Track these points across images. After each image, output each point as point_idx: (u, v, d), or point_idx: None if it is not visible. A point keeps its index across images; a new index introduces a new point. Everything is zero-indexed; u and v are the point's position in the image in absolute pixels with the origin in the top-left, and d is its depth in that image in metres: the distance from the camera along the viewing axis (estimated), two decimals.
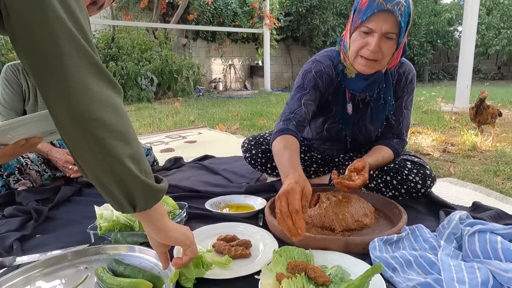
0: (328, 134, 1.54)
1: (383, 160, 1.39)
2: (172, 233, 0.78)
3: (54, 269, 1.02)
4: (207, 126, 3.63)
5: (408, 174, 1.40)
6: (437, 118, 3.65)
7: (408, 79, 1.42)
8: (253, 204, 1.46)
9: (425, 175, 1.39)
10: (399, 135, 1.47)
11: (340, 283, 0.87)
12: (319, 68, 1.37)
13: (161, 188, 0.71)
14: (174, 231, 0.79)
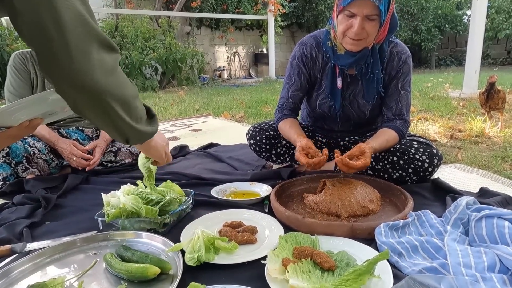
0: (321, 110, 1.57)
1: (388, 143, 1.39)
2: (153, 153, 1.09)
3: (63, 255, 1.03)
4: (212, 115, 3.62)
5: (415, 153, 1.40)
6: (444, 104, 3.60)
7: (401, 59, 1.44)
8: (259, 191, 1.47)
9: (432, 154, 1.40)
10: (400, 115, 1.46)
11: (346, 268, 0.87)
12: (301, 52, 1.51)
13: (150, 132, 0.89)
14: (155, 151, 1.09)
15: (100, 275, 0.93)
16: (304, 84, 1.53)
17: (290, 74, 1.55)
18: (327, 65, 1.48)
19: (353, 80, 1.48)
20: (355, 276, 0.79)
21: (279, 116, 1.57)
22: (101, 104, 0.70)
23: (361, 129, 1.64)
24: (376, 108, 1.53)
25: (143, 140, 0.90)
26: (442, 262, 0.85)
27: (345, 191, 1.25)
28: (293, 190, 1.45)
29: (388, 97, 1.47)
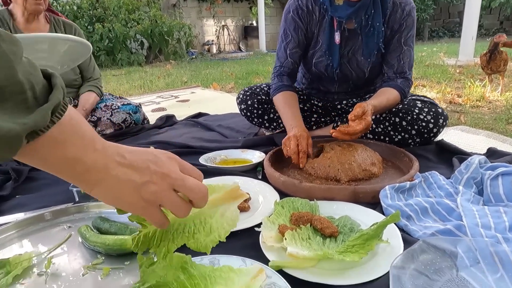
0: (317, 69, 1.44)
1: (389, 102, 1.28)
2: (111, 200, 0.47)
3: (33, 230, 0.92)
4: (200, 86, 3.46)
5: (419, 113, 1.31)
6: (441, 71, 3.49)
7: (405, 11, 1.32)
8: (251, 158, 1.36)
9: (437, 114, 1.30)
10: (402, 73, 1.35)
11: (350, 234, 0.78)
12: (296, 4, 1.37)
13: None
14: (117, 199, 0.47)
15: (74, 249, 0.82)
16: (301, 40, 1.39)
17: (285, 30, 1.40)
18: (324, 19, 1.35)
19: (352, 35, 1.35)
20: (362, 241, 0.70)
21: (277, 85, 1.40)
22: None
23: (360, 91, 1.53)
24: (376, 66, 1.41)
25: None
26: (457, 224, 0.76)
27: (345, 154, 1.15)
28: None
29: (390, 54, 1.36)
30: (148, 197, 0.45)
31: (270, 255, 0.74)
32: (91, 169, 0.43)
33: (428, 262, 0.68)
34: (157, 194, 0.46)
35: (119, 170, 0.45)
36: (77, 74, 1.82)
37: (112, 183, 0.45)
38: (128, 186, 0.45)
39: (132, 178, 0.45)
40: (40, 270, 0.75)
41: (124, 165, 0.45)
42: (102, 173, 0.44)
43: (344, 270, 0.69)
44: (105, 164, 0.44)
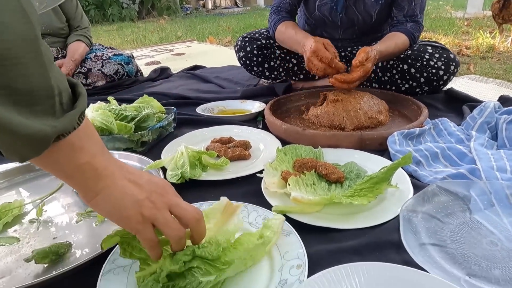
0: (320, 13, 1.33)
1: (397, 48, 1.19)
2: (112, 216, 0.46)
3: (24, 179, 0.88)
4: (196, 40, 3.30)
5: (429, 59, 1.22)
6: (448, 23, 3.33)
7: None
8: (250, 108, 1.30)
9: (449, 59, 1.22)
10: (412, 16, 1.25)
11: (356, 180, 0.74)
12: None
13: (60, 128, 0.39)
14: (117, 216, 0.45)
15: (67, 198, 0.79)
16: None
17: None
18: None
19: None
20: (370, 184, 0.66)
21: (276, 18, 1.31)
22: None
23: (365, 38, 1.43)
24: (385, 9, 1.30)
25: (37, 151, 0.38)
26: (470, 168, 0.72)
27: (350, 101, 1.08)
28: (289, 106, 1.28)
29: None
30: (146, 213, 0.45)
31: (273, 201, 0.70)
32: (99, 175, 0.44)
33: (440, 205, 0.64)
34: (154, 212, 0.45)
35: (124, 182, 0.45)
36: (63, 22, 1.69)
37: (115, 193, 0.45)
38: (130, 199, 0.45)
39: (134, 193, 0.45)
40: (32, 217, 0.72)
41: (127, 178, 0.46)
42: (109, 180, 0.44)
43: (350, 214, 0.66)
44: (112, 172, 0.45)
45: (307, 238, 0.57)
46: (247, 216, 0.65)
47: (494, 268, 0.51)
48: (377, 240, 0.58)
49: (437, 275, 0.47)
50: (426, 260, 0.52)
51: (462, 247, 0.56)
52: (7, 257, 0.61)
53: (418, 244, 0.56)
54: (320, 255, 0.56)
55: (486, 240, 0.57)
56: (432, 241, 0.57)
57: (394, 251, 0.56)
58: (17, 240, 0.65)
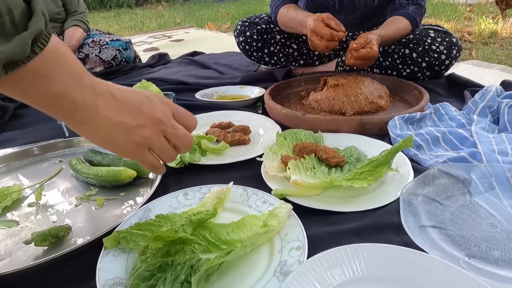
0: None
1: (398, 32, 1.18)
2: (94, 138, 0.44)
3: (23, 164, 0.88)
4: (194, 26, 3.26)
5: (431, 44, 1.20)
6: (450, 9, 3.28)
7: None
8: (250, 94, 1.28)
9: (451, 44, 1.20)
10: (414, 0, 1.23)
11: (356, 164, 0.74)
12: None
13: None
14: (105, 134, 0.43)
15: (66, 182, 0.78)
16: None
17: None
18: None
19: None
20: (371, 168, 0.65)
21: (278, 2, 1.29)
22: None
23: (367, 23, 1.41)
24: None
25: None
26: (471, 151, 0.71)
27: (350, 86, 1.07)
28: (289, 92, 1.27)
29: None
30: (139, 141, 0.44)
31: (272, 184, 0.70)
32: (78, 107, 0.40)
33: (440, 188, 0.64)
34: (148, 139, 0.44)
35: (110, 110, 0.42)
36: (59, 7, 1.66)
37: (102, 124, 0.42)
38: (119, 128, 0.42)
39: (124, 120, 0.43)
40: (31, 201, 0.72)
41: (115, 105, 0.42)
42: (91, 112, 0.41)
43: (350, 198, 0.65)
44: (94, 103, 0.41)
45: (307, 221, 0.57)
46: (247, 199, 0.64)
47: (493, 250, 0.51)
48: (377, 223, 0.58)
49: (437, 256, 0.47)
50: (426, 241, 0.52)
51: (462, 229, 0.56)
52: (7, 240, 0.61)
53: (418, 226, 0.56)
54: (320, 237, 0.56)
55: (486, 222, 0.57)
56: (432, 223, 0.57)
57: (394, 233, 0.56)
58: (17, 224, 0.65)
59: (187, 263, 0.46)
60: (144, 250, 0.49)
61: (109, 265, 0.50)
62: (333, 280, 0.46)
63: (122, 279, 0.48)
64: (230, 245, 0.50)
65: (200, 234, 0.50)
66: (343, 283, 0.45)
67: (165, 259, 0.47)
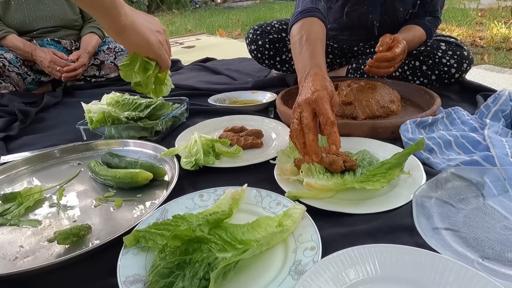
0: (349, 19, 1.29)
1: (414, 39, 1.18)
2: (134, 42, 0.70)
3: (42, 167, 0.91)
4: (206, 33, 3.31)
5: (441, 57, 1.20)
6: (461, 14, 3.27)
7: None
8: (262, 99, 1.30)
9: (462, 57, 1.20)
10: (432, 12, 1.23)
11: (369, 168, 0.74)
12: None
13: None
14: (139, 38, 0.70)
15: (85, 184, 0.81)
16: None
17: None
18: None
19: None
20: (383, 170, 0.66)
21: (309, 7, 1.00)
22: None
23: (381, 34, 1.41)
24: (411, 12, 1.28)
25: None
26: (484, 155, 0.72)
27: (362, 91, 1.08)
28: None
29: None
30: (161, 40, 0.71)
31: (286, 187, 0.71)
32: (126, 12, 0.65)
33: (453, 191, 0.65)
34: (163, 40, 0.73)
35: (140, 20, 0.68)
36: (77, 14, 1.72)
37: (137, 29, 0.66)
38: (150, 31, 0.68)
39: (149, 26, 0.69)
40: (52, 202, 0.74)
41: (141, 16, 0.70)
42: (128, 18, 0.64)
43: (363, 200, 0.66)
44: (129, 13, 0.66)
45: (320, 222, 0.58)
46: (261, 201, 0.66)
47: (508, 252, 0.51)
48: (390, 224, 0.59)
49: (450, 257, 0.48)
50: (439, 243, 0.52)
51: (475, 231, 0.56)
52: (30, 238, 0.63)
53: (431, 228, 0.56)
54: (334, 238, 0.57)
55: (500, 224, 0.57)
56: (445, 226, 0.57)
57: (407, 234, 0.57)
58: (39, 223, 0.67)
59: (204, 261, 0.47)
60: (163, 248, 0.50)
61: (129, 263, 0.52)
62: (347, 279, 0.46)
63: (141, 276, 0.50)
64: (245, 245, 0.52)
65: (216, 233, 0.52)
66: (357, 283, 0.46)
67: (183, 257, 0.48)
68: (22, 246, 0.61)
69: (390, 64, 1.05)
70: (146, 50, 0.70)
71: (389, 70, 1.07)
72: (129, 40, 0.67)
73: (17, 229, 0.66)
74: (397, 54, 1.02)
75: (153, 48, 0.70)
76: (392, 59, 1.03)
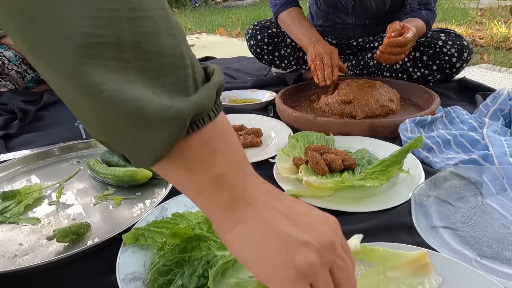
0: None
1: (417, 29, 1.18)
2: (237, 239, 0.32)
3: (42, 165, 0.91)
4: (205, 32, 3.31)
5: (442, 46, 1.21)
6: (461, 14, 3.27)
7: None
8: (261, 98, 1.30)
9: (462, 47, 1.20)
10: (426, 5, 1.24)
11: (368, 166, 0.75)
12: None
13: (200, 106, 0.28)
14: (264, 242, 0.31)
15: (84, 182, 0.81)
16: None
17: None
18: None
19: None
20: (382, 167, 0.66)
21: (278, 5, 1.30)
22: None
23: (377, 27, 1.42)
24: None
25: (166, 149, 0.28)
26: (483, 154, 0.72)
27: (361, 90, 1.08)
28: (300, 96, 1.28)
29: None
30: (302, 266, 0.29)
31: (285, 185, 0.71)
32: (239, 198, 0.31)
33: (451, 190, 0.65)
34: (314, 267, 0.30)
35: (274, 214, 0.31)
36: None
37: (260, 228, 0.30)
38: (281, 240, 0.30)
39: (288, 232, 0.30)
40: (51, 200, 0.74)
41: (281, 209, 0.32)
42: (251, 209, 0.31)
43: (362, 198, 0.66)
44: (257, 198, 0.31)
45: None
46: None
47: (505, 250, 0.52)
48: (388, 223, 0.59)
49: (448, 255, 0.48)
50: (438, 241, 0.53)
51: (474, 230, 0.56)
52: (29, 236, 0.63)
53: (429, 226, 0.57)
54: None
55: (498, 223, 0.57)
56: (443, 224, 0.58)
57: (405, 233, 0.57)
58: (38, 221, 0.68)
59: (203, 259, 0.47)
60: (162, 246, 0.51)
61: (128, 260, 0.52)
62: None
63: (141, 273, 0.50)
64: None
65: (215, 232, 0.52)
66: None
67: (182, 255, 0.48)
68: (21, 244, 0.61)
69: (402, 50, 1.03)
70: (260, 275, 0.31)
71: (400, 56, 1.06)
72: (234, 248, 0.32)
73: (16, 227, 0.66)
74: (409, 40, 1.01)
75: (273, 278, 0.30)
76: (404, 44, 1.01)
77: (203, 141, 0.29)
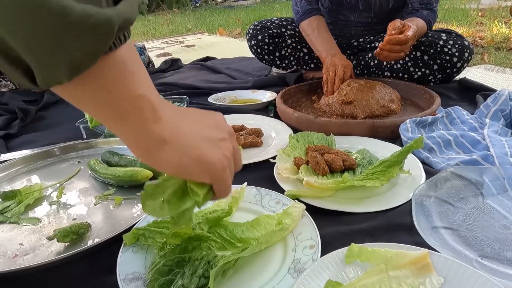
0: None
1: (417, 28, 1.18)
2: (167, 154, 0.33)
3: (42, 165, 0.91)
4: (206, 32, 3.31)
5: (443, 46, 1.21)
6: (461, 14, 3.27)
7: None
8: (262, 98, 1.30)
9: (463, 46, 1.20)
10: (428, 4, 1.24)
11: (368, 167, 0.75)
12: None
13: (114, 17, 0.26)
14: (172, 144, 0.33)
15: (85, 182, 0.81)
16: None
17: None
18: None
19: None
20: (383, 168, 0.66)
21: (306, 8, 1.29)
22: None
23: (379, 26, 1.41)
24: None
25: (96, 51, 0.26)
26: (484, 154, 0.72)
27: (362, 90, 1.08)
28: (300, 96, 1.28)
29: None
30: (227, 154, 0.36)
31: (285, 186, 0.71)
32: (159, 116, 0.32)
33: (452, 190, 0.65)
34: (230, 153, 0.37)
35: (192, 123, 0.35)
36: None
37: (187, 138, 0.33)
38: (208, 143, 0.35)
39: (209, 134, 0.35)
40: (52, 200, 0.74)
41: (195, 118, 0.36)
42: (171, 123, 0.33)
43: (362, 199, 0.66)
44: (171, 114, 0.33)
45: (319, 221, 0.58)
46: (261, 200, 0.66)
47: (506, 251, 0.52)
48: (389, 223, 0.59)
49: (449, 256, 0.48)
50: (438, 242, 0.52)
51: (474, 230, 0.56)
52: (30, 236, 0.63)
53: (430, 227, 0.56)
54: (333, 236, 0.57)
55: (499, 223, 0.57)
56: (444, 225, 0.58)
57: (406, 233, 0.57)
58: (39, 221, 0.68)
59: (204, 259, 0.47)
60: (162, 246, 0.51)
61: (128, 260, 0.52)
62: (346, 278, 0.46)
63: (141, 274, 0.50)
64: (245, 243, 0.52)
65: (216, 231, 0.52)
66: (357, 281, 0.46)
67: (183, 255, 0.48)
68: (22, 244, 0.61)
69: (402, 48, 1.04)
70: (200, 173, 0.35)
71: (400, 54, 1.06)
72: (170, 162, 0.33)
73: (17, 227, 0.66)
74: (409, 38, 1.01)
75: (214, 170, 0.35)
76: (404, 42, 1.02)
77: (122, 61, 0.29)
